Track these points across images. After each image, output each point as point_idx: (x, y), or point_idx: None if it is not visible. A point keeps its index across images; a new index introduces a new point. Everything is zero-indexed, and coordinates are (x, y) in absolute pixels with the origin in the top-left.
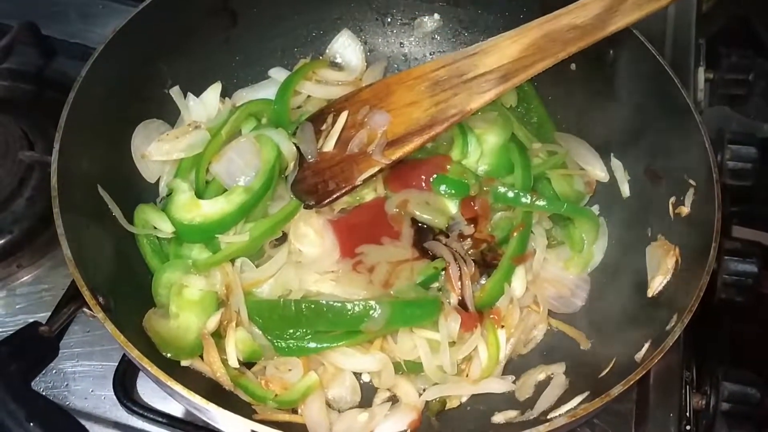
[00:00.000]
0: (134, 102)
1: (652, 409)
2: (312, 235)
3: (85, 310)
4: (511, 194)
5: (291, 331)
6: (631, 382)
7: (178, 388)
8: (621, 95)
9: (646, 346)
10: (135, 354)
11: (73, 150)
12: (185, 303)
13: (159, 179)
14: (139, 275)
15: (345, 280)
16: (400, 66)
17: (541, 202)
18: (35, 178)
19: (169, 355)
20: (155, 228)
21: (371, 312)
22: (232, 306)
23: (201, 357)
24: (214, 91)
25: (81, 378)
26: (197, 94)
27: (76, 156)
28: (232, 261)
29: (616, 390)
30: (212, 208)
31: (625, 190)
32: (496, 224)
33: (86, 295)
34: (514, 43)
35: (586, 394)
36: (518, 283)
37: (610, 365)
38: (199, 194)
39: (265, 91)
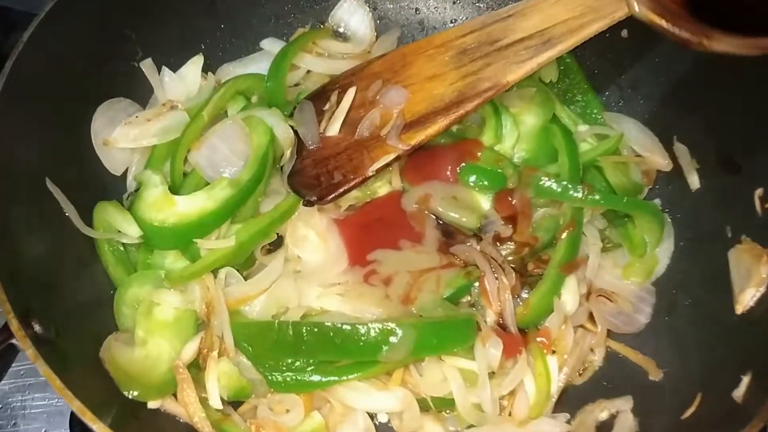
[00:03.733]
0: (94, 77)
1: None
2: (314, 239)
3: (14, 341)
4: (557, 187)
5: (289, 361)
6: None
7: None
8: (686, 67)
9: (746, 379)
10: (76, 406)
11: (13, 136)
12: (156, 325)
13: (126, 171)
14: (97, 291)
15: (355, 295)
16: (415, 36)
17: (595, 197)
18: None
19: (133, 394)
20: (119, 231)
21: (391, 337)
22: (214, 329)
23: (174, 396)
24: (194, 64)
25: (33, 415)
26: (174, 68)
27: (17, 143)
28: (215, 272)
29: None
30: (190, 206)
31: (694, 180)
32: (539, 224)
33: (12, 323)
34: (558, 2)
35: None
36: (569, 296)
37: (696, 403)
38: (175, 189)
39: (256, 65)
